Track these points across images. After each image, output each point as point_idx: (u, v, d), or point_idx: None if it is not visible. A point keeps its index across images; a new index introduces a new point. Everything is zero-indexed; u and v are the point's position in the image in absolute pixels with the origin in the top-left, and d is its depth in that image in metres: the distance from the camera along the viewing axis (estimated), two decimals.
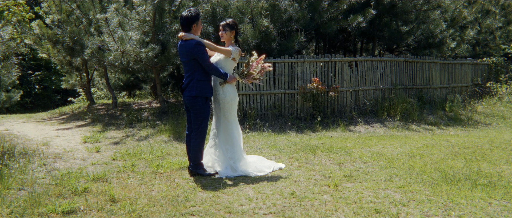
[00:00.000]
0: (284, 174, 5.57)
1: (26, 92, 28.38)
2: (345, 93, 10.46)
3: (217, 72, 5.45)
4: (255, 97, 9.87)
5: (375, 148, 7.30)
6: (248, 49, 10.10)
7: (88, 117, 10.99)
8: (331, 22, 11.26)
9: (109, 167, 6.02)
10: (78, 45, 10.88)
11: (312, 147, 7.30)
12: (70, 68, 12.92)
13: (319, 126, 9.50)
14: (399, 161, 6.28)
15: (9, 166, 5.69)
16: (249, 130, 9.16)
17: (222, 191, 4.85)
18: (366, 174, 5.54)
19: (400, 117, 10.49)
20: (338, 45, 14.52)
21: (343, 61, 10.48)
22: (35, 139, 8.26)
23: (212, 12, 10.34)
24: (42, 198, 4.45)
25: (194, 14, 5.38)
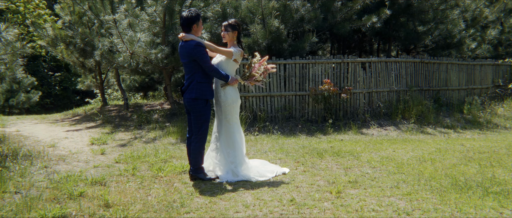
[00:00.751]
0: (286, 179, 5.40)
1: (47, 93, 28.80)
2: (358, 95, 10.21)
3: (218, 73, 5.30)
4: (265, 99, 9.70)
5: (385, 152, 7.06)
6: (259, 50, 9.94)
7: (99, 118, 10.98)
8: (345, 23, 11.02)
9: (110, 170, 5.94)
10: (89, 46, 10.89)
11: (320, 150, 7.10)
12: (83, 70, 12.97)
13: (330, 129, 9.28)
14: (409, 166, 6.03)
15: (10, 168, 5.65)
16: (258, 133, 9.00)
17: (219, 196, 4.70)
18: (372, 180, 5.32)
19: (415, 120, 10.19)
20: (353, 46, 14.26)
21: (355, 62, 10.24)
22: (43, 140, 8.26)
23: (223, 12, 10.22)
24: (36, 202, 4.37)
25: (194, 14, 5.25)
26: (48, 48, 12.23)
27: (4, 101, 19.72)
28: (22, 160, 6.15)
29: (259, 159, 6.40)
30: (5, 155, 6.28)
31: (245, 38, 9.79)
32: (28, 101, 20.43)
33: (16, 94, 19.90)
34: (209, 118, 5.39)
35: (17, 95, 19.81)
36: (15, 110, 20.11)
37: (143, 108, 12.06)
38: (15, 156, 6.30)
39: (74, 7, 11.44)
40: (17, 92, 20.01)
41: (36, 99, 20.90)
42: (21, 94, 19.99)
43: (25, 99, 20.19)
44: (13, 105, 19.73)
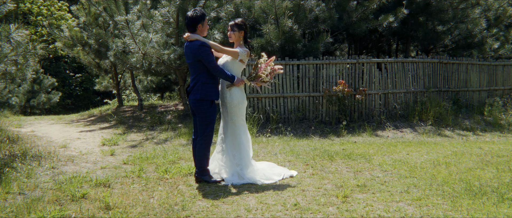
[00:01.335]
0: (293, 182, 5.27)
1: (68, 94, 29.20)
2: (374, 96, 9.99)
3: (223, 74, 5.21)
4: (278, 100, 9.57)
5: (398, 155, 6.85)
6: (272, 50, 9.84)
7: (113, 119, 11.01)
8: (361, 22, 10.82)
9: (117, 171, 5.90)
10: (103, 47, 10.93)
11: (331, 153, 6.93)
12: (99, 70, 13.05)
13: (344, 131, 9.10)
14: (422, 170, 5.83)
15: (17, 169, 5.66)
16: (270, 134, 8.88)
17: (222, 200, 4.59)
18: (382, 184, 5.15)
19: (432, 122, 9.92)
20: (370, 46, 14.01)
21: (371, 62, 10.03)
22: (55, 141, 8.30)
23: (236, 12, 10.13)
24: (37, 204, 4.34)
25: (199, 14, 5.17)
26: (64, 49, 12.33)
27: (26, 101, 20.04)
28: (30, 160, 6.16)
29: (267, 161, 6.27)
30: (14, 155, 6.30)
31: (258, 39, 9.69)
32: (49, 101, 20.72)
33: (37, 94, 20.20)
34: (214, 119, 5.30)
35: (37, 96, 20.11)
36: (36, 110, 20.42)
37: (157, 109, 12.06)
38: (24, 157, 6.31)
39: (90, 8, 11.51)
40: (38, 93, 20.31)
41: (56, 99, 21.18)
42: (42, 95, 20.28)
43: (46, 100, 20.49)
44: (34, 105, 20.04)
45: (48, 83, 21.08)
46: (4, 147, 6.93)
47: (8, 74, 6.42)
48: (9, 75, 6.46)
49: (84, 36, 11.52)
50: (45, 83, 20.90)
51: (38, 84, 20.56)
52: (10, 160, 6.05)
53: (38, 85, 20.54)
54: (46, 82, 21.01)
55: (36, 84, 20.45)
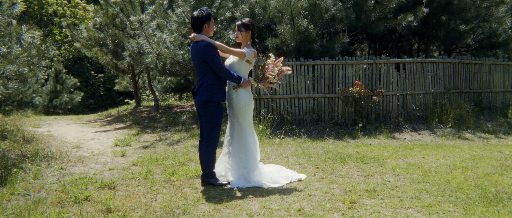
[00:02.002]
0: (301, 186, 5.13)
1: (91, 94, 29.61)
2: (391, 97, 9.76)
3: (229, 75, 5.11)
4: (292, 101, 9.43)
5: (413, 159, 6.64)
6: (287, 51, 9.71)
7: (128, 119, 11.05)
8: (379, 22, 10.58)
9: (124, 173, 5.87)
10: (119, 48, 10.98)
11: (344, 156, 6.76)
12: (117, 71, 13.13)
13: (360, 133, 8.90)
14: (436, 175, 5.62)
15: (25, 169, 5.68)
16: (284, 136, 8.74)
17: (225, 204, 4.50)
18: (392, 189, 4.97)
19: (452, 124, 9.62)
20: (390, 46, 13.72)
21: (388, 63, 9.79)
22: (70, 141, 8.34)
23: (251, 12, 10.03)
24: (38, 205, 4.33)
25: (205, 14, 5.09)
26: (83, 49, 12.46)
27: (48, 101, 20.37)
28: (40, 161, 6.18)
29: (275, 164, 6.16)
30: (25, 155, 6.34)
31: (272, 39, 9.57)
32: (71, 101, 21.02)
33: (60, 94, 20.51)
34: (220, 121, 5.21)
35: (60, 96, 20.42)
36: (59, 110, 20.74)
37: (174, 109, 12.06)
38: (34, 157, 6.34)
39: (107, 9, 11.58)
40: (61, 93, 20.62)
41: (78, 99, 21.48)
42: (64, 95, 20.59)
43: (68, 100, 20.79)
44: (57, 105, 20.35)
45: (71, 83, 21.39)
46: (17, 147, 6.99)
47: (20, 75, 6.46)
48: (21, 75, 6.50)
49: (101, 37, 11.60)
50: (67, 83, 21.22)
51: (60, 84, 20.88)
52: (20, 160, 6.08)
53: (61, 85, 20.86)
54: (69, 82, 21.32)
55: (59, 84, 20.78)
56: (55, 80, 20.76)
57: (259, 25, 10.12)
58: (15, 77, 6.43)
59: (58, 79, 20.85)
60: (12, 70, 6.36)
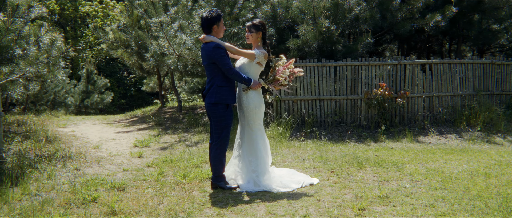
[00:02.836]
0: (312, 191, 5.00)
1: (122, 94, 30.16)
2: (416, 100, 9.45)
3: (239, 77, 5.03)
4: (314, 103, 9.25)
5: (435, 164, 6.38)
6: (309, 52, 9.56)
7: (151, 120, 11.12)
8: (405, 22, 10.28)
9: (137, 174, 5.87)
10: (143, 49, 11.07)
11: (362, 160, 6.57)
12: (142, 72, 13.25)
13: (382, 136, 8.65)
14: (456, 181, 5.37)
15: (41, 169, 5.75)
16: (304, 138, 8.59)
17: (230, 208, 4.41)
18: (407, 196, 4.77)
19: (481, 127, 9.23)
20: (419, 46, 13.33)
21: (414, 64, 9.48)
22: (91, 141, 8.44)
23: (272, 13, 9.93)
24: (45, 206, 4.36)
25: (214, 15, 5.02)
26: (109, 50, 12.64)
27: (80, 101, 20.83)
28: (56, 161, 6.26)
29: (290, 167, 6.04)
30: (42, 156, 6.44)
31: (294, 40, 9.43)
32: (102, 101, 21.43)
33: (91, 95, 20.94)
34: (230, 124, 5.13)
35: (91, 96, 20.84)
36: (90, 110, 21.17)
37: (197, 110, 12.08)
38: (51, 158, 6.43)
39: (132, 10, 11.71)
40: (92, 93, 21.05)
41: (109, 100, 21.87)
42: (95, 95, 21.00)
43: (99, 100, 21.19)
44: (88, 105, 20.78)
45: (102, 83, 21.80)
46: (38, 147, 7.11)
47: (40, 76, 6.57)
48: (41, 77, 6.61)
49: (125, 38, 11.73)
50: (98, 83, 21.63)
51: (92, 84, 21.31)
52: (38, 160, 6.17)
53: (92, 86, 21.28)
54: (100, 82, 21.74)
55: (90, 85, 21.21)
56: (87, 80, 21.20)
57: (280, 25, 10.01)
58: (35, 78, 6.53)
59: (89, 80, 21.28)
60: (32, 71, 6.46)
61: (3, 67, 6.00)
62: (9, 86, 6.33)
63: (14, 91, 6.40)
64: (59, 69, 7.03)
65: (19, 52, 5.30)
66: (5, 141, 7.34)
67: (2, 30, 5.02)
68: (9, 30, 5.02)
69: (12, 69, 6.57)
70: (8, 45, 5.13)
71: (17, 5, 5.31)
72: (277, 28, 10.10)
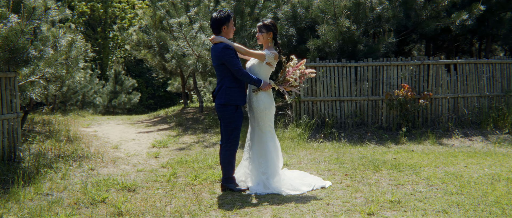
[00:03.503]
0: (322, 195, 4.90)
1: (151, 94, 30.58)
2: (440, 101, 9.17)
3: (248, 78, 4.97)
4: (334, 104, 9.11)
5: (454, 168, 6.16)
6: (329, 52, 9.42)
7: (172, 121, 11.19)
8: (429, 21, 10.00)
9: (150, 175, 5.89)
10: (164, 50, 11.15)
11: (379, 162, 6.40)
12: (165, 72, 13.36)
13: (404, 138, 8.43)
14: (475, 186, 5.16)
15: (56, 169, 5.84)
16: (322, 140, 8.47)
17: (236, 211, 4.37)
18: (420, 201, 4.61)
19: (510, 130, 8.88)
20: (446, 46, 12.96)
21: (438, 64, 9.21)
22: (111, 141, 8.55)
23: (293, 13, 9.83)
24: (54, 206, 4.42)
25: (223, 15, 4.98)
26: (132, 51, 12.80)
27: (108, 101, 21.22)
28: (72, 161, 6.35)
29: (303, 170, 5.94)
30: (59, 155, 6.54)
31: (314, 40, 9.30)
32: (129, 102, 21.78)
33: (118, 95, 21.31)
34: (240, 125, 5.09)
35: (119, 96, 21.20)
36: (118, 110, 21.55)
37: None
38: (68, 157, 6.53)
39: (155, 11, 11.81)
40: (119, 94, 21.42)
41: (136, 100, 22.19)
42: (123, 95, 21.36)
43: (126, 100, 21.55)
44: (115, 105, 21.14)
45: (129, 84, 22.14)
46: (57, 147, 7.25)
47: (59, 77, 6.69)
48: (60, 78, 6.73)
49: (147, 39, 11.84)
50: (126, 84, 21.98)
51: (119, 85, 21.68)
52: (54, 160, 6.28)
53: (120, 86, 21.65)
54: (127, 83, 22.09)
55: (118, 85, 21.58)
56: (115, 81, 21.58)
57: (301, 26, 9.90)
58: (54, 79, 6.65)
59: (117, 80, 21.66)
60: (50, 72, 6.58)
61: (22, 68, 6.13)
62: (28, 86, 6.46)
63: (33, 92, 6.53)
64: (78, 71, 7.15)
65: (34, 54, 5.39)
66: (26, 140, 7.52)
67: (17, 32, 5.11)
68: (24, 31, 5.10)
69: (32, 70, 6.71)
70: (23, 46, 5.22)
71: (33, 8, 5.39)
72: (298, 28, 10.00)
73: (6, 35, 5.07)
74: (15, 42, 5.14)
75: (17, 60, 5.35)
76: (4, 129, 5.83)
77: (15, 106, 5.99)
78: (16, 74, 5.85)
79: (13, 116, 5.95)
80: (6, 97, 5.82)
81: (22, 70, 6.58)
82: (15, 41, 5.13)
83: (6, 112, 5.85)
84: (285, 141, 8.24)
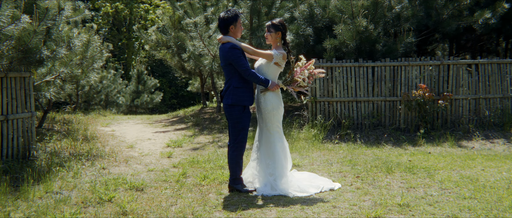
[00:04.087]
0: (330, 197, 4.82)
1: (174, 94, 30.83)
2: (461, 102, 8.93)
3: (256, 78, 4.93)
4: (350, 105, 8.97)
5: (471, 171, 5.97)
6: (346, 52, 9.28)
7: (190, 120, 11.23)
8: (451, 20, 9.77)
9: (160, 175, 5.91)
10: (182, 50, 11.21)
11: (393, 165, 6.26)
12: (183, 72, 13.42)
13: (421, 140, 8.24)
14: (490, 191, 4.99)
15: (68, 167, 5.91)
16: (338, 141, 8.35)
17: (240, 212, 4.33)
18: (430, 205, 4.48)
19: None
20: (470, 45, 12.63)
21: (458, 64, 8.97)
22: (127, 141, 8.63)
23: (310, 12, 9.74)
24: (60, 204, 4.46)
25: (231, 15, 4.95)
26: (152, 51, 12.90)
27: (131, 101, 21.47)
28: (85, 160, 6.42)
29: (312, 171, 5.86)
30: (73, 154, 6.63)
31: (331, 40, 9.18)
32: (151, 101, 21.99)
33: (141, 95, 21.54)
34: (247, 126, 5.05)
35: (141, 96, 21.44)
36: (140, 109, 21.78)
37: None
38: (81, 156, 6.61)
39: (174, 11, 11.89)
40: (142, 93, 21.65)
41: (158, 100, 22.39)
42: (145, 95, 21.59)
43: (149, 100, 21.76)
44: (138, 105, 21.38)
45: (151, 83, 22.36)
46: (73, 146, 7.35)
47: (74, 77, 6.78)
48: (75, 78, 6.82)
49: (164, 39, 11.93)
50: (148, 83, 22.20)
51: (142, 84, 21.91)
52: (67, 159, 6.36)
53: (142, 86, 21.88)
54: (150, 83, 22.31)
55: (140, 85, 21.81)
56: (137, 80, 21.83)
57: (318, 25, 9.80)
58: (70, 79, 6.74)
59: (140, 80, 21.89)
60: (65, 72, 6.68)
61: (37, 68, 6.23)
62: (44, 86, 6.58)
63: (48, 92, 6.63)
64: (92, 71, 7.24)
65: (47, 54, 5.47)
66: (43, 139, 7.65)
67: (29, 32, 5.19)
68: (36, 32, 5.18)
69: (48, 70, 6.82)
70: (36, 46, 5.30)
71: (46, 8, 5.47)
72: (315, 28, 9.90)
73: (19, 36, 5.15)
74: (27, 42, 5.22)
75: (30, 60, 5.44)
76: (19, 128, 5.93)
77: (29, 105, 6.09)
78: (30, 74, 5.96)
79: (27, 115, 6.06)
80: (21, 96, 5.93)
81: (39, 70, 6.70)
82: (27, 41, 5.22)
83: (21, 111, 5.95)
84: (300, 142, 8.16)
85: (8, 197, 4.62)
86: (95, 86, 15.90)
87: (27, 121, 6.06)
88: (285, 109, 5.28)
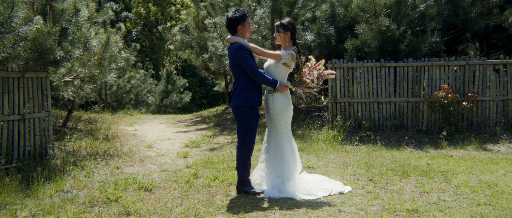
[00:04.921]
0: (337, 201, 4.71)
1: (204, 94, 31.08)
2: (487, 103, 8.61)
3: (263, 79, 4.87)
4: (371, 106, 8.79)
5: (490, 176, 5.73)
6: (368, 52, 9.10)
7: (212, 121, 11.26)
8: (478, 18, 9.43)
9: (172, 175, 5.93)
10: (204, 50, 11.25)
11: (409, 168, 6.09)
12: (207, 72, 13.47)
13: (444, 142, 7.99)
14: (508, 197, 4.77)
15: (82, 167, 6.01)
16: (358, 143, 8.19)
17: (242, 215, 4.28)
18: (441, 211, 4.32)
19: None
20: (501, 45, 12.17)
21: (485, 64, 8.64)
22: (147, 140, 8.72)
23: (331, 12, 9.60)
24: (67, 203, 4.53)
25: (239, 15, 4.92)
26: (176, 52, 13.00)
27: (160, 101, 21.77)
28: (100, 159, 6.52)
29: (325, 174, 5.75)
30: (91, 153, 6.74)
31: (352, 40, 9.02)
32: (180, 101, 22.23)
33: (170, 94, 21.81)
34: (255, 127, 5.00)
35: (170, 96, 21.70)
36: (169, 109, 22.04)
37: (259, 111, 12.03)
38: (97, 155, 6.71)
39: (198, 12, 11.96)
40: (171, 93, 21.92)
41: (187, 99, 22.61)
42: (174, 95, 21.84)
43: (178, 100, 22.01)
44: (167, 104, 21.65)
45: (180, 83, 22.60)
46: (93, 145, 7.49)
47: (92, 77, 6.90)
48: (92, 78, 6.94)
49: (187, 39, 12.00)
50: (177, 83, 22.45)
51: (171, 84, 22.18)
52: (83, 158, 6.47)
53: (171, 86, 22.15)
54: (179, 83, 22.56)
55: (170, 85, 22.09)
56: (167, 80, 22.11)
57: (340, 25, 9.66)
58: (88, 79, 6.87)
59: (169, 80, 22.17)
60: (84, 72, 6.80)
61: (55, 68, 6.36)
62: (62, 86, 6.72)
63: (65, 91, 6.78)
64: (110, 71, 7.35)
65: (62, 54, 5.58)
66: (64, 138, 7.82)
67: (44, 33, 5.30)
68: (50, 33, 5.28)
69: (67, 70, 6.96)
70: (50, 47, 5.41)
71: (62, 9, 5.57)
72: (337, 28, 9.76)
73: (33, 37, 5.27)
74: (42, 43, 5.34)
75: (45, 61, 5.56)
76: (35, 127, 6.07)
77: (47, 105, 6.23)
78: (47, 74, 6.09)
79: (44, 114, 6.20)
80: (38, 96, 6.07)
81: (58, 70, 6.84)
82: (42, 42, 5.33)
83: (38, 111, 6.09)
84: (318, 143, 8.05)
85: (18, 195, 4.73)
86: (122, 86, 16.16)
87: (44, 121, 6.19)
88: (307, 110, 5.21)
